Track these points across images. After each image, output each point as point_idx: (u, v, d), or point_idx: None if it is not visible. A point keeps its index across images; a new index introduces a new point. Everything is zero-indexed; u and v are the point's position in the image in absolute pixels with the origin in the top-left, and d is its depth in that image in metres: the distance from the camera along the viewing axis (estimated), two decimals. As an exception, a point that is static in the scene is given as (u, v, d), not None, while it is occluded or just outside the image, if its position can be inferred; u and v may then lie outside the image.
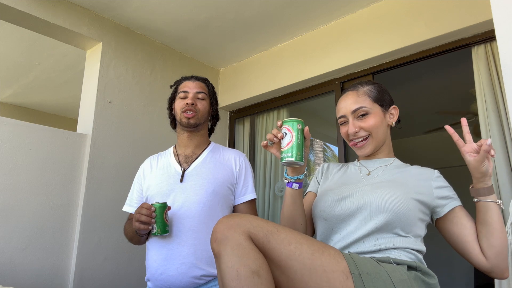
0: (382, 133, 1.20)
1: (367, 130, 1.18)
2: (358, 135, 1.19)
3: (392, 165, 1.21)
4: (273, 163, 3.13)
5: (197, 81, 1.62)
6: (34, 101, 4.39)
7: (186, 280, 1.38)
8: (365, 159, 1.26)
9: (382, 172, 1.19)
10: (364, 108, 1.18)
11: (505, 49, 1.08)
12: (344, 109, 1.22)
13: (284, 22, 2.70)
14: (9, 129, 2.12)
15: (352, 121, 1.19)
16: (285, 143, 1.03)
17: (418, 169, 1.20)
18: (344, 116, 1.22)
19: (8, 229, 2.04)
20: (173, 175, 1.53)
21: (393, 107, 1.24)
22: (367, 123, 1.18)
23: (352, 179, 1.21)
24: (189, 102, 1.54)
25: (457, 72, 3.13)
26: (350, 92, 1.24)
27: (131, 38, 2.79)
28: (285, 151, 1.03)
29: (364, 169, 1.23)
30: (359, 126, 1.18)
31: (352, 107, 1.19)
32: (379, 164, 1.22)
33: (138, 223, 1.34)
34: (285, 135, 1.03)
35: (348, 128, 1.20)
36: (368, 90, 1.22)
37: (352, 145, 1.23)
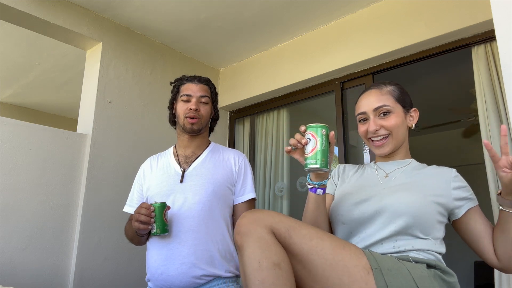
0: (402, 134, 1.19)
1: (388, 129, 1.16)
2: (378, 133, 1.17)
3: (409, 167, 1.20)
4: (273, 163, 3.13)
5: (201, 84, 1.59)
6: (34, 101, 4.39)
7: (186, 280, 1.38)
8: (382, 160, 1.25)
9: (399, 175, 1.18)
10: (387, 107, 1.17)
11: (505, 49, 1.08)
12: (366, 106, 1.20)
13: (284, 22, 2.70)
14: (9, 129, 2.12)
15: (374, 119, 1.17)
16: (309, 149, 1.00)
17: (435, 169, 1.18)
18: (365, 113, 1.20)
19: (8, 229, 2.04)
20: (173, 175, 1.53)
21: (413, 110, 1.23)
22: (388, 122, 1.16)
23: (369, 181, 1.20)
24: (192, 108, 1.52)
25: (457, 72, 3.13)
26: (373, 90, 1.22)
27: (131, 38, 2.79)
28: (309, 157, 1.00)
29: (381, 171, 1.22)
30: (380, 124, 1.16)
31: (375, 104, 1.18)
32: (397, 166, 1.20)
33: (137, 223, 1.34)
34: (309, 140, 1.01)
35: (369, 126, 1.18)
36: (392, 89, 1.21)
37: (370, 144, 1.21)
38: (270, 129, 3.20)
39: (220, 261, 1.43)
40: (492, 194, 1.96)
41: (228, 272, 1.44)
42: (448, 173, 1.16)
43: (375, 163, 1.27)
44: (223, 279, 1.43)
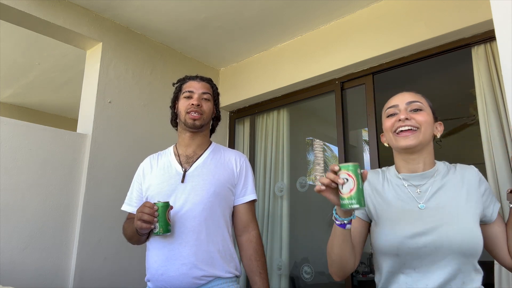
0: (429, 135, 1.16)
1: (419, 123, 1.14)
2: (407, 122, 1.14)
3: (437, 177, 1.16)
4: (273, 163, 3.13)
5: (203, 82, 1.61)
6: (34, 101, 4.39)
7: (187, 281, 1.37)
8: (407, 172, 1.19)
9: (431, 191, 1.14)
10: (420, 104, 1.17)
11: (505, 49, 1.08)
12: (398, 99, 1.19)
13: (284, 22, 2.70)
14: (9, 129, 2.12)
15: (405, 111, 1.16)
16: (347, 189, 0.98)
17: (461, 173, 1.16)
18: (396, 106, 1.18)
19: (8, 229, 2.04)
20: (174, 175, 1.52)
21: (439, 123, 1.21)
22: (420, 117, 1.14)
23: (408, 203, 1.14)
24: (194, 103, 1.52)
25: (457, 72, 3.13)
26: (407, 92, 1.22)
27: (131, 38, 2.79)
28: (349, 197, 0.98)
29: (412, 188, 1.16)
30: (412, 116, 1.14)
31: (408, 99, 1.17)
32: (426, 179, 1.16)
33: (140, 222, 1.34)
34: (346, 180, 0.99)
35: (399, 115, 1.15)
36: (424, 96, 1.22)
37: (394, 137, 1.17)
38: (270, 129, 3.20)
39: (220, 261, 1.43)
40: (492, 194, 1.96)
41: (228, 273, 1.44)
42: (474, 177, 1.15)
43: (399, 174, 1.20)
44: (223, 280, 1.42)
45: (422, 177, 1.16)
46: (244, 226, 1.54)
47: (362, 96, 2.58)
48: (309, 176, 3.64)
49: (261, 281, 1.46)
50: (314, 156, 3.83)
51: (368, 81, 2.56)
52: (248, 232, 1.54)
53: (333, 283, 2.80)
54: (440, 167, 1.18)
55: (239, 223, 1.55)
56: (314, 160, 3.83)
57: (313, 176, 3.79)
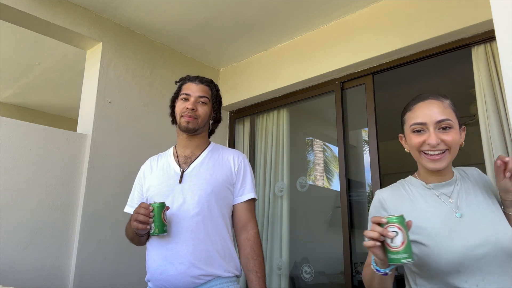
0: (457, 151, 1.13)
1: (448, 145, 1.09)
2: (438, 147, 1.09)
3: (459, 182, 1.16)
4: (273, 163, 3.13)
5: (201, 84, 1.59)
6: (34, 101, 4.39)
7: (186, 280, 1.38)
8: (433, 181, 1.15)
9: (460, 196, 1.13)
10: (450, 122, 1.10)
11: (505, 49, 1.08)
12: (427, 116, 1.11)
13: (284, 22, 2.70)
14: (9, 129, 2.12)
15: (434, 132, 1.10)
16: (398, 243, 0.94)
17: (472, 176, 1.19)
18: (424, 124, 1.11)
19: (8, 229, 2.04)
20: (172, 176, 1.53)
21: (463, 128, 1.17)
22: (450, 137, 1.09)
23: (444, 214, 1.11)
24: (189, 107, 1.52)
25: (457, 72, 3.13)
26: (434, 101, 1.14)
27: (131, 38, 2.79)
28: (400, 251, 0.94)
29: (444, 197, 1.13)
30: (442, 138, 1.09)
31: (438, 117, 1.10)
32: (453, 186, 1.14)
33: (136, 223, 1.34)
34: (396, 234, 0.95)
35: (429, 138, 1.09)
36: (451, 103, 1.15)
37: (422, 156, 1.13)
38: (270, 129, 3.20)
39: (219, 261, 1.43)
40: (492, 194, 1.96)
41: (228, 272, 1.44)
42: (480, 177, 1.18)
43: (426, 184, 1.16)
44: (222, 279, 1.42)
45: (449, 185, 1.14)
46: (243, 225, 1.54)
47: (362, 96, 2.58)
48: (309, 176, 3.64)
49: (257, 280, 1.46)
50: (314, 156, 3.83)
51: (368, 81, 2.56)
52: (246, 231, 1.54)
53: (333, 283, 2.80)
54: (457, 173, 1.19)
55: (238, 222, 1.55)
56: (314, 160, 3.83)
57: (313, 176, 3.79)
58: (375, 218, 0.96)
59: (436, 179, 1.15)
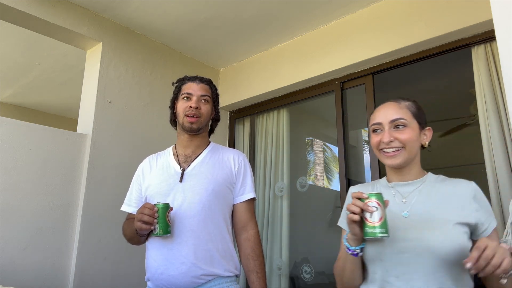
0: (415, 149, 1.17)
1: (402, 142, 1.15)
2: (391, 145, 1.15)
3: (425, 185, 1.17)
4: (273, 163, 3.13)
5: (202, 84, 1.60)
6: (34, 101, 4.39)
7: (186, 280, 1.38)
8: (396, 180, 1.21)
9: (417, 198, 1.15)
10: (404, 120, 1.16)
11: (505, 49, 1.08)
12: (382, 116, 1.19)
13: (284, 22, 2.70)
14: (9, 129, 2.12)
15: (388, 130, 1.16)
16: (377, 218, 1.00)
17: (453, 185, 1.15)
18: (380, 124, 1.19)
19: (8, 229, 2.04)
20: (172, 175, 1.52)
21: (428, 128, 1.22)
22: (403, 135, 1.15)
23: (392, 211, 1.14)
24: (193, 106, 1.52)
25: (457, 72, 3.13)
26: (391, 103, 1.22)
27: (131, 38, 2.79)
28: (378, 226, 1.00)
29: (399, 196, 1.18)
30: (395, 136, 1.15)
31: (392, 116, 1.17)
32: (413, 187, 1.18)
33: (140, 223, 1.34)
34: (376, 209, 1.01)
35: (383, 137, 1.16)
36: (410, 105, 1.21)
37: (381, 155, 1.19)
38: (270, 129, 3.20)
39: (219, 260, 1.43)
40: (492, 194, 1.96)
41: (228, 272, 1.44)
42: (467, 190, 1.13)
43: (389, 183, 1.23)
44: (223, 279, 1.43)
45: (409, 186, 1.18)
46: (243, 225, 1.54)
47: (362, 96, 2.58)
48: (309, 176, 3.64)
49: (258, 280, 1.46)
50: (314, 156, 3.83)
51: (368, 81, 2.56)
52: (246, 231, 1.54)
53: (333, 283, 2.80)
54: (429, 178, 1.20)
55: (238, 222, 1.55)
56: (314, 160, 3.83)
57: (313, 176, 3.79)
58: (356, 193, 1.03)
59: (397, 179, 1.21)
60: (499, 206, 1.92)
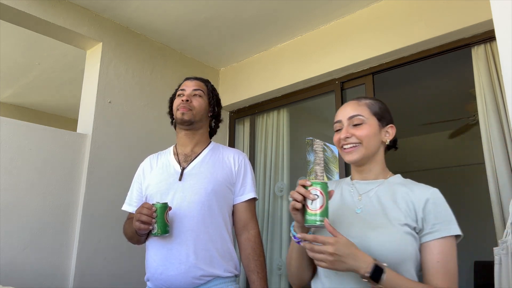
0: (374, 146, 1.18)
1: (359, 138, 1.16)
2: (348, 140, 1.17)
3: (383, 186, 1.17)
4: (273, 163, 3.13)
5: (196, 80, 1.63)
6: (34, 101, 4.39)
7: (186, 280, 1.38)
8: (358, 178, 1.23)
9: (372, 198, 1.15)
10: (361, 117, 1.18)
11: (505, 49, 1.08)
12: (341, 114, 1.22)
13: (284, 22, 2.70)
14: (9, 129, 2.12)
15: (346, 127, 1.19)
16: (317, 205, 1.01)
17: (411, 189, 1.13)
18: (340, 122, 1.21)
19: (8, 229, 2.04)
20: (172, 174, 1.53)
21: (390, 126, 1.22)
22: (360, 132, 1.17)
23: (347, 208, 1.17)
24: (184, 99, 1.55)
25: (457, 72, 3.13)
26: (351, 102, 1.24)
27: (131, 38, 2.79)
28: (317, 214, 1.00)
29: (356, 193, 1.19)
30: (352, 133, 1.17)
31: (350, 113, 1.20)
32: (371, 187, 1.18)
33: (138, 223, 1.34)
34: (317, 197, 1.01)
35: (341, 132, 1.19)
36: (370, 103, 1.22)
37: (342, 152, 1.21)
38: (270, 129, 3.20)
39: (219, 261, 1.43)
40: (492, 194, 1.96)
41: (227, 272, 1.44)
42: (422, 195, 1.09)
43: (351, 180, 1.24)
44: (222, 279, 1.42)
45: (368, 184, 1.19)
46: (244, 225, 1.54)
47: (362, 96, 2.58)
48: (309, 176, 3.64)
49: (259, 280, 1.46)
50: (314, 156, 3.83)
51: (368, 81, 2.56)
52: (247, 231, 1.54)
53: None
54: (391, 179, 1.19)
55: (239, 222, 1.55)
56: (314, 160, 3.83)
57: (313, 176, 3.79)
58: (301, 180, 1.04)
59: (359, 177, 1.22)
60: (499, 206, 1.92)
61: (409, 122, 4.52)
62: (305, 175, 3.29)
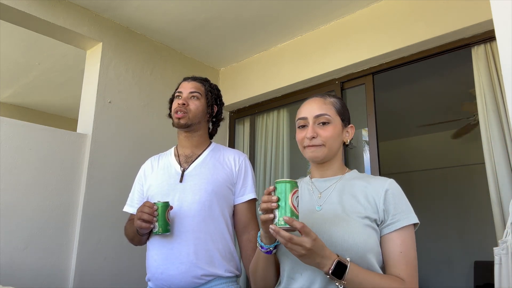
0: (336, 147, 1.19)
1: (324, 140, 1.15)
2: (314, 141, 1.16)
3: (340, 182, 1.17)
4: (273, 163, 3.13)
5: (193, 81, 1.63)
6: (34, 101, 4.39)
7: (186, 280, 1.38)
8: (316, 176, 1.23)
9: (332, 194, 1.15)
10: (327, 116, 1.18)
11: (505, 49, 1.08)
12: (307, 111, 1.20)
13: (284, 22, 2.70)
14: (9, 129, 2.12)
15: (312, 126, 1.17)
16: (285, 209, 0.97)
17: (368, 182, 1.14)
18: (305, 119, 1.19)
19: (8, 229, 2.04)
20: (173, 175, 1.53)
21: (350, 126, 1.25)
22: (326, 132, 1.16)
23: (308, 206, 1.16)
24: (180, 103, 1.55)
25: (457, 72, 3.13)
26: (317, 99, 1.23)
27: (131, 38, 2.79)
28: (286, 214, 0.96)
29: (316, 191, 1.19)
30: (318, 133, 1.16)
31: (317, 112, 1.19)
32: (330, 183, 1.18)
33: (140, 221, 1.34)
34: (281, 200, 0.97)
35: (307, 132, 1.17)
36: (334, 101, 1.23)
37: (304, 150, 1.19)
38: (270, 129, 3.20)
39: (220, 261, 1.43)
40: (492, 194, 1.96)
41: (228, 272, 1.45)
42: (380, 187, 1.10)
43: (311, 179, 1.24)
44: (223, 279, 1.43)
45: (327, 181, 1.19)
46: (244, 226, 1.54)
47: (362, 96, 2.58)
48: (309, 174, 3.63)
49: None
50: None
51: (368, 81, 2.56)
52: (248, 231, 1.54)
53: (333, 283, 2.80)
54: (348, 175, 1.20)
55: (239, 223, 1.55)
56: (314, 160, 3.83)
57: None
58: (267, 190, 1.00)
59: (319, 174, 1.22)
60: (499, 206, 1.92)
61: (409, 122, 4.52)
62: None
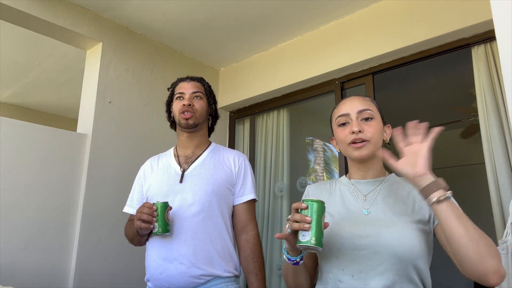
0: (379, 144, 1.15)
1: (370, 136, 1.12)
2: (360, 135, 1.11)
3: (384, 185, 1.16)
4: (273, 163, 3.13)
5: (193, 81, 1.63)
6: (34, 101, 4.39)
7: (186, 280, 1.38)
8: (357, 178, 1.19)
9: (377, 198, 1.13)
10: (371, 112, 1.14)
11: (505, 49, 1.08)
12: (349, 107, 1.16)
13: (284, 22, 2.70)
14: (9, 129, 2.12)
15: (356, 121, 1.13)
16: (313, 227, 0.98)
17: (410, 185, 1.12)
18: (347, 115, 1.15)
19: (8, 229, 2.04)
20: (173, 175, 1.53)
21: (388, 126, 1.21)
22: (371, 128, 1.12)
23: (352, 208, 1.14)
24: (186, 103, 1.55)
25: (457, 72, 3.13)
26: (356, 97, 1.20)
27: (131, 38, 2.79)
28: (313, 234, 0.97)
29: (359, 194, 1.16)
30: (363, 127, 1.12)
31: (360, 107, 1.15)
32: (373, 186, 1.16)
33: (139, 222, 1.35)
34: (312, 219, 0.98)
35: (352, 126, 1.12)
36: (372, 100, 1.21)
37: (349, 148, 1.15)
38: (270, 129, 3.20)
39: (219, 261, 1.43)
40: (492, 194, 1.96)
41: (227, 272, 1.45)
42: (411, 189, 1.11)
43: (350, 180, 1.20)
44: (222, 279, 1.43)
45: (369, 184, 1.17)
46: (243, 226, 1.54)
47: (362, 96, 2.58)
48: (309, 176, 3.64)
49: (257, 282, 1.46)
50: (314, 156, 3.83)
51: (368, 81, 2.56)
52: (246, 232, 1.54)
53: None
54: (389, 177, 1.19)
55: (238, 223, 1.55)
56: (314, 160, 3.83)
57: (313, 176, 3.79)
58: (295, 204, 1.00)
59: (359, 175, 1.19)
60: (499, 206, 1.92)
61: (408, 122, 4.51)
62: (305, 175, 3.29)
